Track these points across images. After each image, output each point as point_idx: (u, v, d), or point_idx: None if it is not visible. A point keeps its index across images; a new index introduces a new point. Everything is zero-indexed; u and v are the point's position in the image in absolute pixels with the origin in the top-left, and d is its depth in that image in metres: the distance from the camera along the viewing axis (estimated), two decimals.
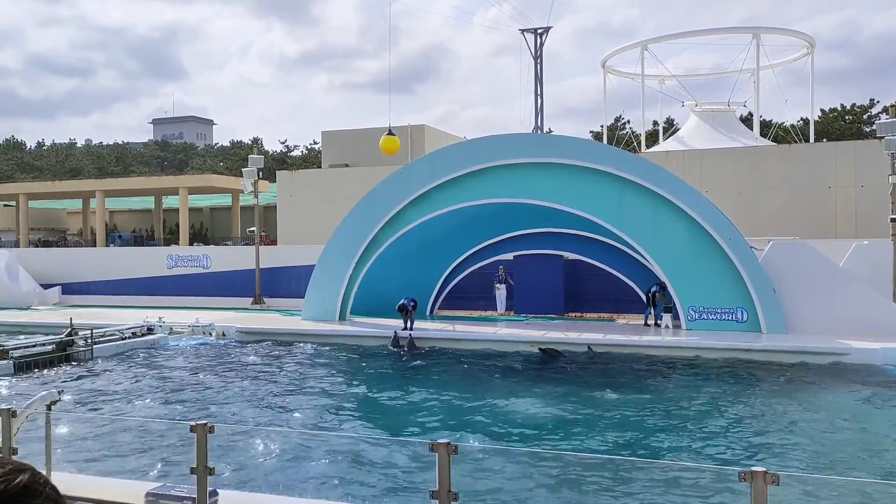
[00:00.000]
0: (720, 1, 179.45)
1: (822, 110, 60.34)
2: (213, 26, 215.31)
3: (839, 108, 61.43)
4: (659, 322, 22.64)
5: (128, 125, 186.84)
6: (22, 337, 22.95)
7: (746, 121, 48.10)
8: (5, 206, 52.33)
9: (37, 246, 44.38)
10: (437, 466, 5.71)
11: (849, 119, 60.24)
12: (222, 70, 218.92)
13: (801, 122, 51.20)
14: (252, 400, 15.08)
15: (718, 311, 21.56)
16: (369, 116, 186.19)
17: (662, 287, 22.31)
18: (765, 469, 4.85)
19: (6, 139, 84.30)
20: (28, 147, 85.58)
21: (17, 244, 43.70)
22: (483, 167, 23.27)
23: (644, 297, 23.49)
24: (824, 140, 49.11)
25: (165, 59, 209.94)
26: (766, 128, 47.84)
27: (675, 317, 22.18)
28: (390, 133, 29.12)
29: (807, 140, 42.11)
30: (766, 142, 40.43)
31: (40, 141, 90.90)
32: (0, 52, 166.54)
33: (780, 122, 47.10)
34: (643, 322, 23.26)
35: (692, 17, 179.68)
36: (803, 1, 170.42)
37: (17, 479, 1.06)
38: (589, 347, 19.81)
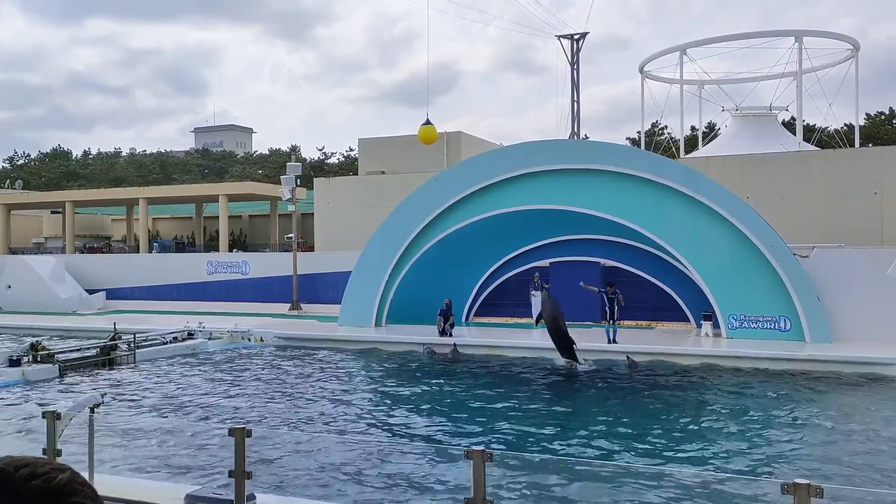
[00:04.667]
0: (724, 9, 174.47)
1: (867, 114, 58.95)
2: (240, 45, 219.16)
3: (886, 112, 59.97)
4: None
5: (168, 136, 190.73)
6: (69, 341, 23.53)
7: (789, 125, 47.18)
8: (53, 213, 53.75)
9: (82, 252, 45.47)
10: (471, 474, 5.68)
11: None
12: (258, 83, 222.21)
13: (846, 126, 50.00)
14: (290, 405, 15.20)
15: (760, 319, 21.14)
16: (394, 125, 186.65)
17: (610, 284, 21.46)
18: (809, 482, 4.73)
19: (53, 148, 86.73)
20: (75, 156, 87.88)
21: (63, 250, 44.83)
22: (519, 174, 23.22)
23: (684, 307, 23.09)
24: (870, 145, 47.92)
25: (199, 74, 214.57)
26: (809, 132, 46.85)
27: (715, 325, 21.81)
28: (428, 123, 28.96)
29: (852, 145, 41.12)
30: (810, 147, 39.59)
31: (86, 150, 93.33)
32: (35, 72, 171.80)
33: (824, 127, 46.11)
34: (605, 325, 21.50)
35: (698, 25, 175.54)
36: (830, 4, 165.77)
37: (58, 478, 1.10)
38: (628, 357, 19.46)
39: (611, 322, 21.01)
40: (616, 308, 20.95)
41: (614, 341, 20.67)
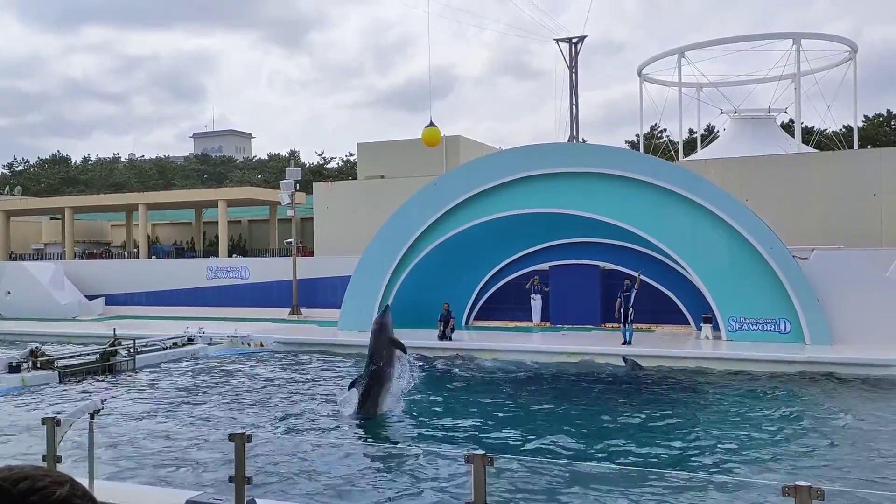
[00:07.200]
0: (718, 11, 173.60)
1: (865, 116, 59.00)
2: (237, 52, 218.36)
3: (885, 114, 60.06)
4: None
5: (167, 142, 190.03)
6: (68, 347, 23.51)
7: (787, 128, 47.22)
8: (52, 219, 53.72)
9: (81, 258, 45.43)
10: (472, 478, 5.67)
11: (895, 125, 58.83)
12: (256, 88, 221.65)
13: (845, 128, 50.04)
14: (289, 409, 15.18)
15: (760, 321, 21.13)
16: (391, 130, 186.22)
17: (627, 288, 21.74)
18: (809, 483, 4.72)
19: (52, 154, 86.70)
20: (74, 162, 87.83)
21: (62, 256, 44.79)
22: (518, 177, 23.23)
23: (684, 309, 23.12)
24: (869, 146, 47.96)
25: (197, 81, 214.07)
26: (808, 135, 46.87)
27: (715, 328, 21.80)
28: (431, 125, 28.94)
29: (851, 147, 41.15)
30: (809, 149, 39.62)
31: (86, 156, 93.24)
32: (32, 79, 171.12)
33: (822, 129, 46.14)
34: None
35: (692, 27, 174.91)
36: (824, 6, 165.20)
37: (56, 493, 1.07)
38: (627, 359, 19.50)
39: (626, 323, 21.27)
40: (631, 309, 21.22)
41: (629, 342, 20.91)
